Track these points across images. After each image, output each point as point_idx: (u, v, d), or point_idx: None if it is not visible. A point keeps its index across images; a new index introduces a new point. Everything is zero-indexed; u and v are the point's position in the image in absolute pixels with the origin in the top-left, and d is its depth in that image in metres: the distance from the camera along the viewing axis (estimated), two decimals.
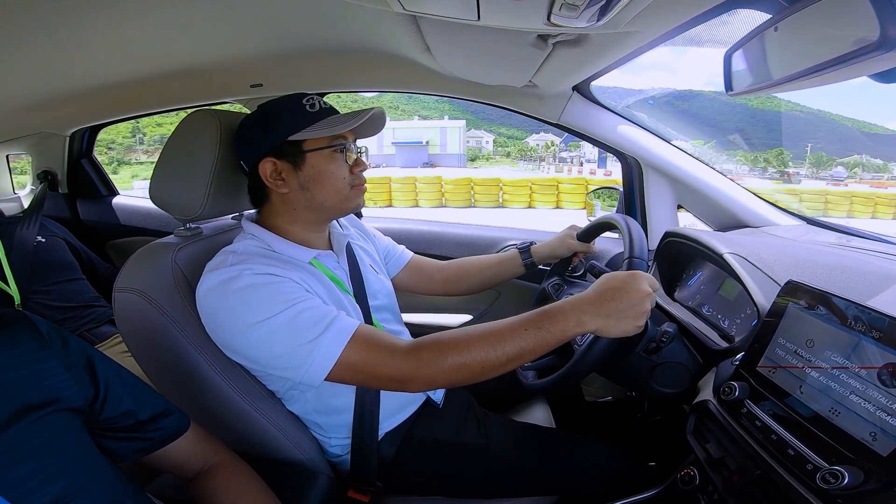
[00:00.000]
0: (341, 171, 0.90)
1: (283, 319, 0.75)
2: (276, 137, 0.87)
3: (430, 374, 0.74)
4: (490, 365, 0.74)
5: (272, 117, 0.88)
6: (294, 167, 0.88)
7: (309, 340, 0.74)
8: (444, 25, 0.90)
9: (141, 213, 2.05)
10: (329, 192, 0.90)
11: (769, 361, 0.72)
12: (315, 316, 0.77)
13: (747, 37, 0.73)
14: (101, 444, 0.61)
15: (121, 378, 0.64)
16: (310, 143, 0.88)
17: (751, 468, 0.68)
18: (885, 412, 0.55)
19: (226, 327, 0.78)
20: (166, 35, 1.17)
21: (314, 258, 0.92)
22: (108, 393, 0.61)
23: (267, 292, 0.77)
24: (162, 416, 0.68)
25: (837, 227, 1.23)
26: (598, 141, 1.45)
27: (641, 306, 0.74)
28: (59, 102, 1.62)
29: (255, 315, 0.75)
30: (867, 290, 0.77)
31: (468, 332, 0.77)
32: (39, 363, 0.55)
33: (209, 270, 0.82)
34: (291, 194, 0.90)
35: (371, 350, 0.76)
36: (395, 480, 0.98)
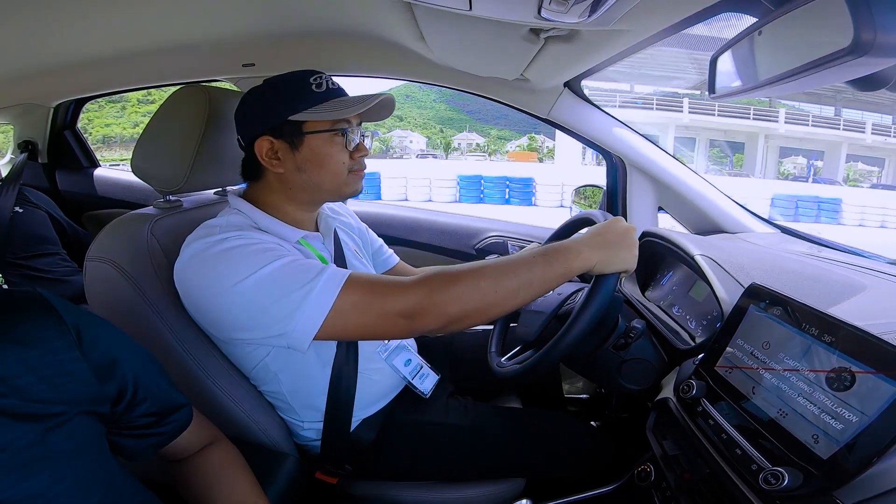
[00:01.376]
0: (340, 155, 0.88)
1: (270, 269, 0.72)
2: (275, 116, 0.84)
3: (442, 300, 0.71)
4: (503, 291, 0.73)
5: (274, 94, 0.86)
6: (291, 147, 0.86)
7: (299, 287, 0.71)
8: (439, 14, 0.90)
9: (121, 185, 2.04)
10: (326, 175, 0.88)
11: (727, 361, 0.74)
12: (304, 265, 0.74)
13: (733, 40, 0.74)
14: (116, 441, 0.59)
15: (146, 375, 0.61)
16: (310, 125, 0.85)
17: (701, 466, 0.70)
18: (829, 415, 0.57)
19: (207, 293, 0.75)
20: (158, 10, 1.16)
21: (303, 238, 0.91)
22: (134, 395, 0.58)
23: (250, 251, 0.74)
24: (175, 409, 0.65)
25: (811, 238, 1.26)
26: (585, 138, 1.46)
27: (630, 237, 0.82)
28: (45, 75, 1.61)
29: (238, 273, 0.71)
30: (829, 299, 0.80)
31: (478, 262, 0.77)
32: (65, 364, 0.51)
33: (188, 244, 0.79)
34: (287, 174, 0.88)
35: (371, 287, 0.73)
36: (373, 465, 0.99)
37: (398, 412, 1.02)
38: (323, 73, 0.88)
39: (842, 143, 22.19)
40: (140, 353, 0.62)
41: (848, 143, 22.10)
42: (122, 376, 0.57)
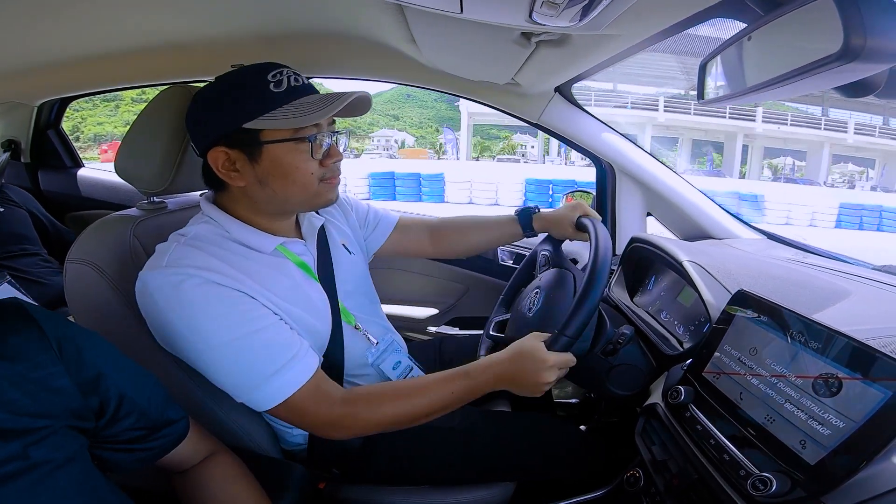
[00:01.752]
0: (307, 165, 0.77)
1: (233, 349, 0.71)
2: (227, 123, 0.73)
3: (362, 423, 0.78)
4: (415, 415, 0.80)
5: (227, 96, 0.74)
6: (249, 159, 0.75)
7: (259, 375, 0.72)
8: (430, 17, 0.90)
9: (105, 186, 2.01)
10: (292, 188, 0.78)
11: (714, 367, 0.74)
12: (272, 348, 0.73)
13: (722, 46, 0.74)
14: (99, 455, 0.57)
15: (134, 389, 0.59)
16: (267, 134, 0.74)
17: (690, 472, 0.70)
18: (816, 421, 0.57)
19: (171, 341, 0.73)
20: (146, 9, 1.15)
21: (280, 245, 0.84)
22: (119, 409, 0.56)
23: (213, 312, 0.71)
24: (166, 425, 0.63)
25: (796, 244, 1.28)
26: (575, 143, 1.47)
27: (539, 387, 0.82)
28: (28, 73, 1.58)
29: (201, 339, 0.71)
30: (815, 305, 0.80)
31: (401, 384, 0.84)
32: (49, 379, 0.50)
33: (150, 267, 0.74)
34: (249, 188, 0.78)
35: (316, 398, 0.76)
36: (361, 469, 0.98)
37: None
38: (285, 67, 0.77)
39: (824, 143, 22.32)
40: (129, 367, 0.60)
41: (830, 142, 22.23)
42: (106, 390, 0.55)
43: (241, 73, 0.76)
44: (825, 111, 22.07)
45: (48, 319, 0.52)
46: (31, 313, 0.51)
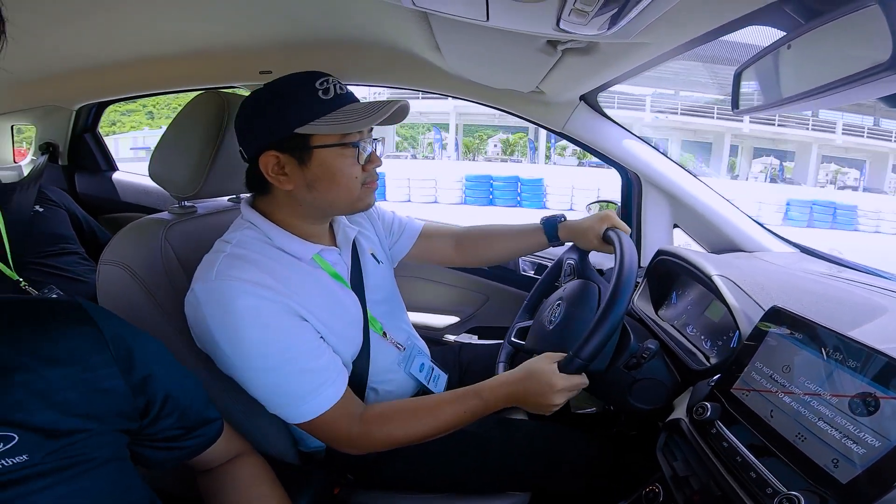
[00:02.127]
0: (352, 169, 0.81)
1: (275, 374, 0.76)
2: (281, 129, 0.77)
3: (375, 444, 0.83)
4: (423, 434, 0.84)
5: (279, 102, 0.78)
6: (299, 163, 0.79)
7: (294, 397, 0.77)
8: (454, 24, 0.90)
9: (138, 189, 2.06)
10: (338, 192, 0.82)
11: (744, 384, 0.72)
12: (308, 375, 0.78)
13: (759, 55, 0.72)
14: (137, 451, 0.58)
15: (179, 389, 0.60)
16: (318, 139, 0.78)
17: (713, 489, 0.67)
18: (851, 439, 0.55)
19: (214, 353, 0.77)
20: (179, 16, 1.18)
21: (317, 254, 0.86)
22: (163, 409, 0.58)
23: (260, 338, 0.74)
24: (203, 424, 0.64)
25: (831, 258, 1.23)
26: (599, 152, 1.45)
27: (547, 409, 0.84)
28: (68, 77, 1.64)
29: (245, 359, 0.75)
30: (851, 321, 0.77)
31: (414, 405, 0.87)
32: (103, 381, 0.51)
33: (198, 275, 0.77)
34: (297, 191, 0.81)
35: (341, 418, 0.80)
36: (375, 474, 0.98)
37: None
38: (330, 76, 0.81)
39: (812, 143, 21.78)
40: (175, 367, 0.62)
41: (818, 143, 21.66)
42: (154, 391, 0.56)
43: (290, 81, 0.79)
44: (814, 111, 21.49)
45: (105, 319, 0.53)
46: (90, 313, 0.52)
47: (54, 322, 0.50)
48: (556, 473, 1.00)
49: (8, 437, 0.44)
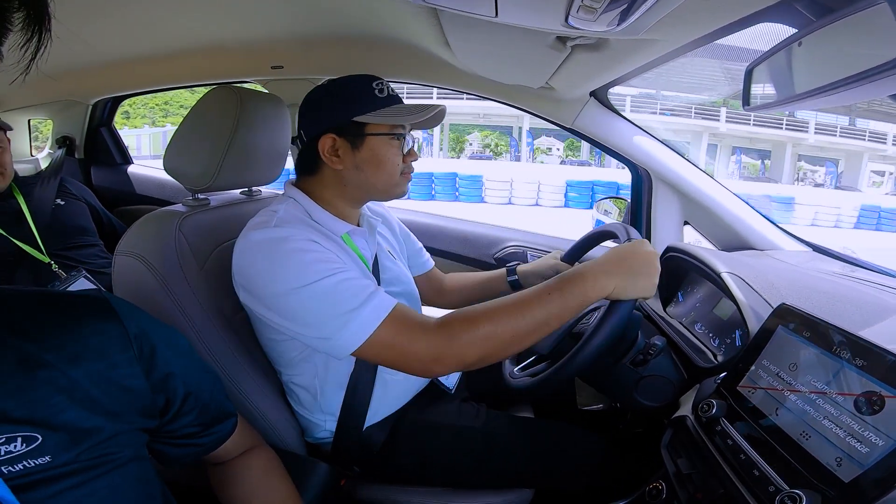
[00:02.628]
0: (396, 158, 0.92)
1: (324, 286, 0.75)
2: (341, 115, 0.89)
3: (461, 347, 0.74)
4: (520, 333, 0.75)
5: (341, 95, 0.90)
6: (352, 147, 0.90)
7: (346, 311, 0.74)
8: (464, 20, 0.90)
9: (153, 182, 2.09)
10: (381, 175, 0.92)
11: (750, 381, 0.71)
12: (355, 287, 0.77)
13: (770, 52, 0.72)
14: (155, 448, 0.59)
15: (199, 386, 0.60)
16: (372, 128, 0.89)
17: (715, 486, 0.68)
18: (856, 438, 0.55)
19: (265, 287, 0.79)
20: (191, 13, 1.20)
21: (347, 233, 0.93)
22: (182, 406, 0.57)
23: (311, 258, 0.78)
24: (221, 420, 0.65)
25: (844, 257, 1.22)
26: (610, 149, 1.44)
27: (653, 265, 0.78)
28: (84, 73, 1.67)
29: (296, 279, 0.76)
30: (861, 321, 0.77)
31: (495, 302, 0.78)
32: (126, 380, 0.50)
33: (254, 227, 0.84)
34: (345, 171, 0.91)
35: (404, 328, 0.76)
36: (381, 467, 0.99)
37: (411, 412, 1.03)
38: (383, 79, 0.92)
39: (786, 142, 21.62)
40: (196, 364, 0.61)
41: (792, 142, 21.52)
42: (174, 389, 0.56)
43: (352, 79, 0.91)
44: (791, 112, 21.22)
45: (130, 315, 0.53)
46: (115, 308, 0.52)
47: (79, 317, 0.49)
48: (560, 471, 1.00)
49: (31, 438, 0.43)
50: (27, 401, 0.44)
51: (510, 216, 11.25)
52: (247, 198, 1.16)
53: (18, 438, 0.43)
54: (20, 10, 0.34)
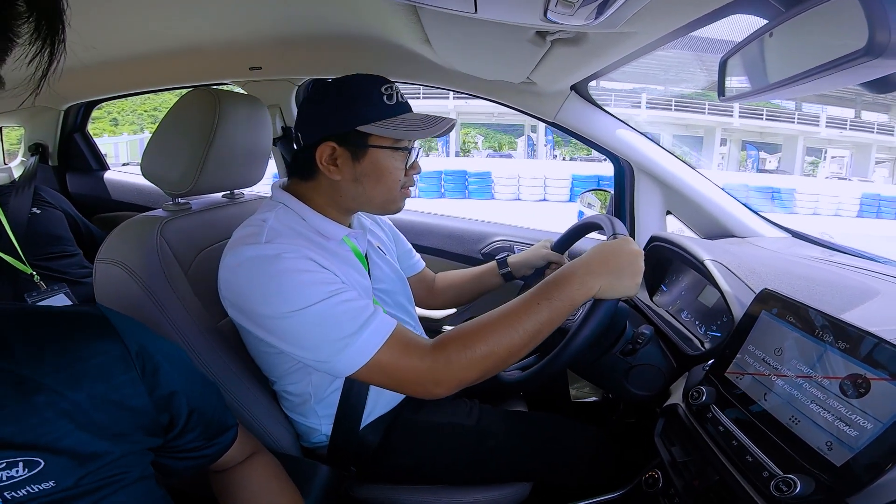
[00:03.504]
0: (398, 171, 0.87)
1: (321, 310, 0.72)
2: (345, 123, 0.82)
3: (460, 370, 0.73)
4: (515, 347, 0.74)
5: (347, 99, 0.83)
6: (353, 157, 0.84)
7: (345, 336, 0.72)
8: (444, 17, 0.89)
9: (131, 188, 2.05)
10: (381, 189, 0.87)
11: (738, 368, 0.73)
12: (353, 310, 0.74)
13: (742, 42, 0.73)
14: (160, 463, 0.57)
15: (201, 401, 0.59)
16: (376, 139, 0.83)
17: (711, 473, 0.69)
18: (843, 422, 0.56)
19: (258, 308, 0.75)
20: (167, 13, 1.17)
21: (346, 236, 0.90)
22: (187, 423, 0.57)
23: (307, 279, 0.74)
24: (223, 432, 0.64)
25: (823, 242, 1.24)
26: (591, 141, 1.45)
27: (637, 264, 0.78)
28: (54, 77, 1.61)
29: (291, 303, 0.72)
30: (842, 304, 0.78)
31: (484, 319, 0.76)
32: (129, 400, 0.49)
33: (242, 242, 0.78)
34: (343, 182, 0.86)
35: (403, 352, 0.74)
36: (377, 467, 0.99)
37: (405, 412, 1.02)
38: (393, 83, 0.86)
39: (798, 136, 22.18)
40: (198, 379, 0.60)
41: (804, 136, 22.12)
42: (178, 407, 0.55)
43: (358, 81, 0.84)
44: (798, 105, 21.83)
45: (130, 332, 0.51)
46: (114, 325, 0.50)
47: (78, 337, 0.48)
48: (556, 464, 1.01)
49: (33, 462, 0.42)
50: (28, 426, 0.43)
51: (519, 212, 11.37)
52: (229, 201, 1.14)
53: (20, 463, 0.42)
54: (30, 21, 0.31)
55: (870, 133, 21.89)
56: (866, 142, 21.98)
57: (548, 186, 14.58)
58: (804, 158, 22.99)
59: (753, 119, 21.57)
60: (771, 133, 22.77)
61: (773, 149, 24.07)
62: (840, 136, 21.97)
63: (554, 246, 1.20)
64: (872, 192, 14.94)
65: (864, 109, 21.26)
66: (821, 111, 21.56)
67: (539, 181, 14.59)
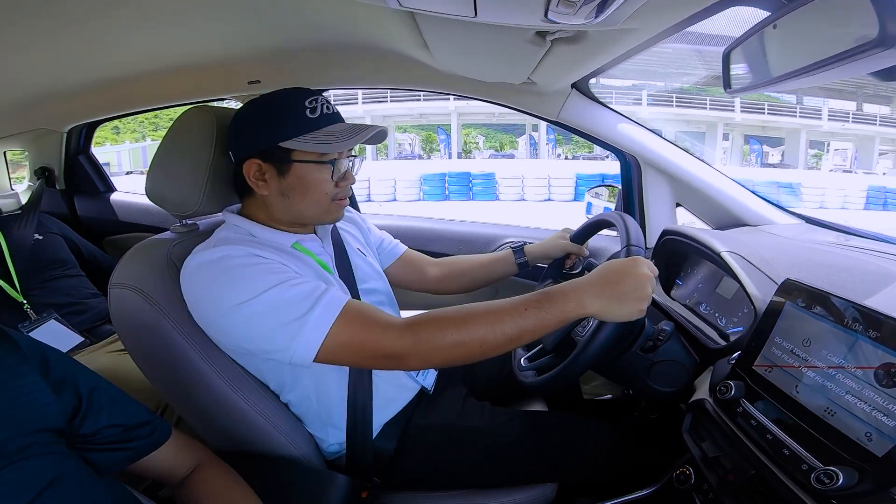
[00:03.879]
0: (325, 185, 0.87)
1: (268, 298, 0.73)
2: (266, 140, 0.84)
3: (427, 351, 0.73)
4: (489, 345, 0.73)
5: (267, 116, 0.85)
6: (278, 173, 0.85)
7: (295, 318, 0.72)
8: (441, 22, 0.89)
9: (138, 209, 2.05)
10: (308, 203, 0.88)
11: (765, 360, 0.71)
12: (302, 292, 0.74)
13: (746, 35, 0.72)
14: (84, 456, 0.60)
15: (101, 390, 0.63)
16: (299, 154, 0.84)
17: (746, 468, 0.68)
18: (881, 412, 0.55)
19: (210, 310, 0.77)
20: (163, 31, 1.17)
21: (296, 242, 0.91)
22: (89, 408, 0.60)
23: (251, 272, 0.75)
24: (142, 426, 0.67)
25: (837, 227, 1.23)
26: (596, 138, 1.44)
27: (643, 289, 0.75)
28: (55, 99, 1.62)
29: (238, 295, 0.73)
30: (865, 290, 0.77)
31: (467, 309, 0.76)
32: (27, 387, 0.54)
33: (192, 255, 0.81)
34: (271, 197, 0.88)
35: (362, 326, 0.74)
36: (397, 475, 0.98)
37: (416, 419, 1.02)
38: (320, 95, 0.87)
39: (800, 129, 22.14)
40: (92, 373, 0.65)
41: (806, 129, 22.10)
42: (76, 385, 0.60)
43: (282, 95, 0.86)
44: (800, 99, 21.83)
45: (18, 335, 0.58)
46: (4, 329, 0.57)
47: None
48: (579, 465, 1.00)
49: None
50: None
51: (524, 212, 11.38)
52: None
53: None
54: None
55: (872, 125, 21.90)
56: (869, 134, 22.00)
57: (552, 186, 14.52)
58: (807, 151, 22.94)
59: (755, 114, 21.62)
60: (773, 127, 22.77)
61: (777, 142, 24.03)
62: (843, 129, 22.00)
63: (573, 237, 1.19)
64: (879, 185, 14.89)
65: (866, 102, 21.26)
66: (823, 104, 21.57)
67: (543, 181, 14.54)
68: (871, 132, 21.91)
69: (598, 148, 1.92)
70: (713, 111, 21.46)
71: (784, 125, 22.44)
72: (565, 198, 14.18)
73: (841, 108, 21.91)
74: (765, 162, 23.33)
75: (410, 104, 19.43)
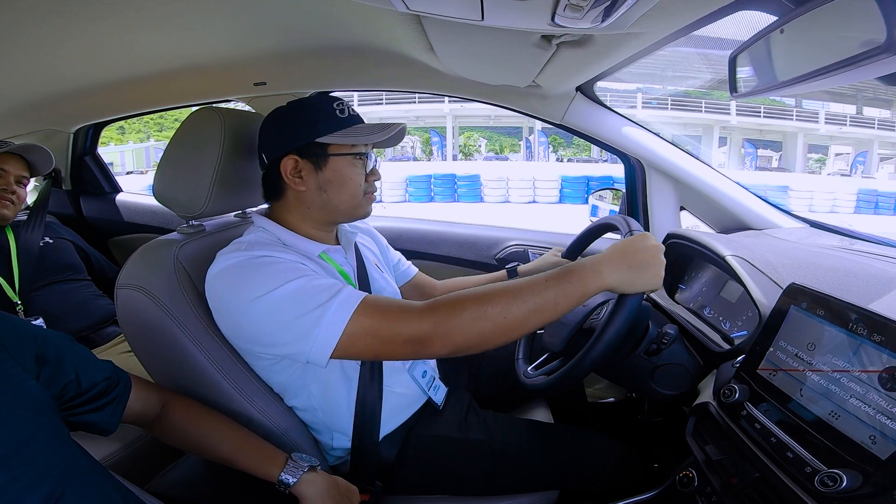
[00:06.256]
0: (359, 178, 0.92)
1: (291, 287, 0.75)
2: (303, 136, 0.89)
3: (448, 329, 0.72)
4: (512, 317, 0.72)
5: (303, 116, 0.90)
6: (315, 168, 0.90)
7: (317, 306, 0.74)
8: (448, 25, 0.89)
9: (144, 210, 2.06)
10: (344, 196, 0.92)
11: (770, 364, 0.72)
12: (323, 284, 0.77)
13: (752, 39, 0.73)
14: (82, 421, 0.65)
15: (69, 352, 0.67)
16: (334, 148, 0.90)
17: (749, 471, 0.68)
18: (885, 416, 0.55)
19: (233, 307, 0.79)
20: (170, 33, 1.18)
21: (323, 252, 0.93)
22: (60, 366, 0.63)
23: (273, 269, 0.78)
24: (113, 377, 0.72)
25: (841, 230, 1.23)
26: (601, 141, 1.44)
27: (658, 257, 0.76)
28: (62, 100, 1.63)
29: (259, 288, 0.76)
30: (870, 294, 0.77)
31: (487, 287, 0.76)
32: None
33: (218, 257, 0.84)
34: (308, 193, 0.91)
35: (382, 313, 0.75)
36: (399, 481, 0.98)
37: (418, 428, 1.02)
38: (344, 99, 0.93)
39: (797, 133, 21.89)
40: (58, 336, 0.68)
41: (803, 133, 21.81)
42: (45, 342, 0.63)
43: (312, 100, 0.93)
44: (798, 102, 21.67)
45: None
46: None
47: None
48: (582, 474, 1.00)
49: None
50: None
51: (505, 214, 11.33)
52: (241, 220, 1.14)
53: None
54: None
55: (871, 129, 21.69)
56: (868, 138, 21.80)
57: (537, 188, 14.49)
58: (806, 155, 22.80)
59: (751, 117, 21.48)
60: (771, 130, 22.64)
61: (775, 147, 23.91)
62: (840, 133, 21.80)
63: (565, 253, 1.19)
64: (869, 188, 14.75)
65: (866, 105, 21.11)
66: (821, 107, 21.39)
67: (528, 183, 14.52)
68: (870, 136, 21.71)
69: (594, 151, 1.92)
70: (709, 114, 21.37)
71: (781, 128, 22.29)
72: (550, 200, 14.17)
73: (839, 112, 21.72)
74: (760, 166, 23.24)
75: (406, 106, 19.28)
